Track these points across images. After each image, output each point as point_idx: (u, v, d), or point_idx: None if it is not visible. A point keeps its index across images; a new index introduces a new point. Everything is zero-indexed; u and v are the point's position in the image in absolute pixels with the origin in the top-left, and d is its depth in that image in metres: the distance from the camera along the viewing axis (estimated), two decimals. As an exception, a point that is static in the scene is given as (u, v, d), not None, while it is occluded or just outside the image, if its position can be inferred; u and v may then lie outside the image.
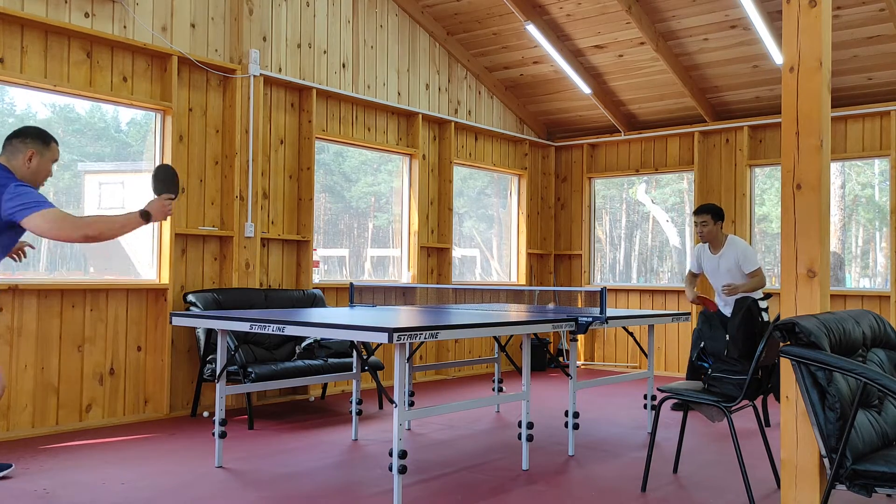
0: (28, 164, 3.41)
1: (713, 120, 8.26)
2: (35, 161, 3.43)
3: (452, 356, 8.03)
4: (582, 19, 7.36)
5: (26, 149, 3.41)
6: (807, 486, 2.89)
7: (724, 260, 5.73)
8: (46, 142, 3.48)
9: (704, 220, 5.72)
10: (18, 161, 3.40)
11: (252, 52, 6.10)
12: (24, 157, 3.41)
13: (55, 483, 3.82)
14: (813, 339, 2.65)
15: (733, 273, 5.70)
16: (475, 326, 3.65)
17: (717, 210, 5.74)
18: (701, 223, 5.73)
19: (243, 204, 6.04)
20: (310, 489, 3.77)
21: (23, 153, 3.41)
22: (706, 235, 5.74)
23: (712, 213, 5.72)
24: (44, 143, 3.47)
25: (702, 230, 5.74)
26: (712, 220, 5.72)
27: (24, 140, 3.42)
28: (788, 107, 3.00)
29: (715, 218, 5.72)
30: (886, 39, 6.64)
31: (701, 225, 5.73)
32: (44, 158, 3.47)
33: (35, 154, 3.43)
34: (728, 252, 5.72)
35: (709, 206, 5.75)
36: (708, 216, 5.71)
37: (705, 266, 5.91)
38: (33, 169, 3.43)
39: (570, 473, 4.14)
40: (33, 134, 3.45)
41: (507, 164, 8.92)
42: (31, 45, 5.02)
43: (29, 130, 3.46)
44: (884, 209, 7.48)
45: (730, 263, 5.70)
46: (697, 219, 5.75)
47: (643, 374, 5.08)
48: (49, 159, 3.50)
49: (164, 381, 5.57)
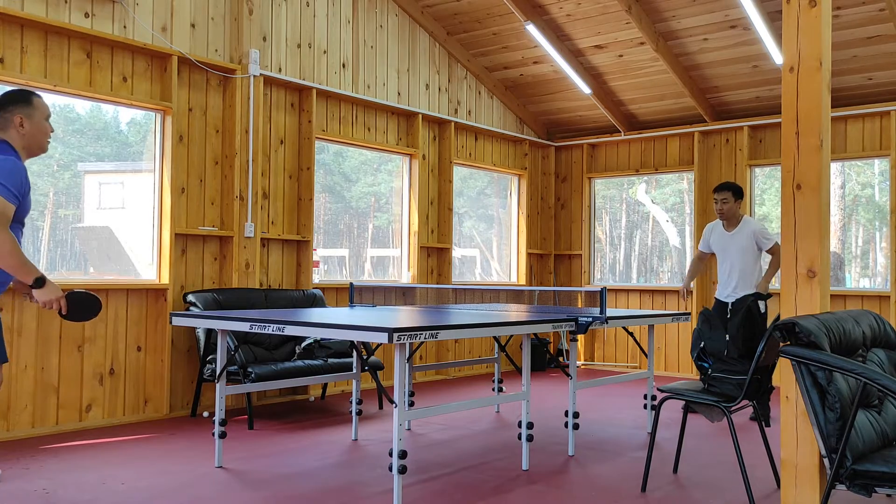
0: (21, 129, 3.27)
1: (713, 120, 8.26)
2: (27, 124, 3.28)
3: (452, 356, 8.03)
4: (582, 19, 7.36)
5: (13, 116, 3.27)
6: (807, 486, 2.89)
7: (739, 237, 5.77)
8: (28, 100, 3.32)
9: (725, 198, 5.80)
10: (12, 132, 3.24)
11: (252, 52, 6.10)
12: (15, 125, 3.26)
13: (55, 483, 3.82)
14: (813, 339, 2.65)
15: (743, 253, 5.74)
16: (475, 326, 3.65)
17: (737, 188, 5.82)
18: (722, 200, 5.81)
19: (243, 204, 6.04)
20: (310, 489, 3.77)
21: (12, 122, 3.27)
22: (726, 213, 5.82)
23: (733, 191, 5.80)
24: (26, 103, 3.30)
25: (721, 207, 5.81)
26: (733, 198, 5.80)
27: (9, 108, 3.27)
28: (788, 107, 3.00)
29: (735, 195, 5.81)
30: (886, 39, 6.64)
31: (722, 202, 5.81)
32: (34, 118, 3.31)
33: (24, 118, 3.28)
34: (744, 229, 5.77)
35: (730, 183, 5.84)
36: (729, 193, 5.80)
37: (715, 244, 5.93)
38: (28, 132, 3.29)
39: (570, 473, 4.14)
40: (13, 99, 3.30)
41: (507, 164, 8.92)
42: (31, 45, 5.02)
43: (8, 96, 3.30)
44: (884, 209, 7.48)
45: (743, 241, 5.74)
46: (718, 196, 5.83)
47: (643, 374, 5.08)
48: (40, 116, 3.33)
49: (164, 381, 5.57)
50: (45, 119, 3.37)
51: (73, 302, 3.33)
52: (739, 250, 5.73)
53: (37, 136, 3.34)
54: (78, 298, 3.35)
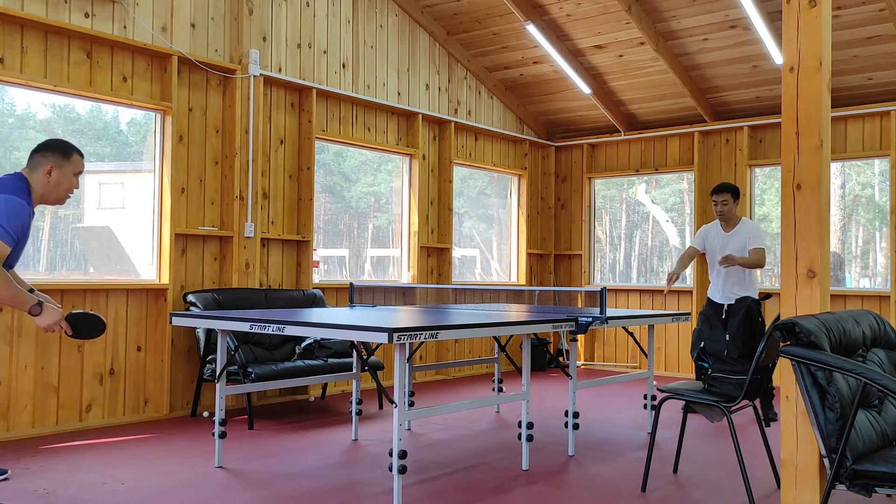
0: (48, 177, 3.43)
1: (713, 120, 8.26)
2: (55, 174, 3.44)
3: (452, 356, 8.03)
4: (582, 19, 7.36)
5: (46, 162, 3.43)
6: (807, 486, 2.89)
7: (735, 238, 5.79)
8: (67, 154, 3.47)
9: (725, 199, 5.83)
10: (39, 174, 3.42)
11: (252, 52, 6.10)
12: (44, 170, 3.42)
13: (55, 483, 3.82)
14: (813, 339, 2.65)
15: (743, 252, 5.75)
16: (475, 326, 3.65)
17: (735, 189, 5.85)
18: (721, 202, 5.83)
19: (243, 204, 6.04)
20: (310, 489, 3.77)
21: (42, 167, 3.43)
22: (726, 213, 5.84)
23: (732, 192, 5.83)
24: (63, 156, 3.46)
25: (721, 209, 5.84)
26: (732, 199, 5.82)
27: (45, 153, 3.44)
28: (788, 107, 3.00)
29: (734, 196, 5.83)
30: (886, 39, 6.64)
31: (721, 204, 5.83)
32: (64, 171, 3.46)
33: (54, 167, 3.44)
34: (741, 230, 5.80)
35: (728, 184, 5.86)
36: (728, 195, 5.82)
37: (711, 244, 5.93)
38: (53, 182, 3.44)
39: (570, 473, 4.14)
40: (53, 147, 3.46)
41: (507, 164, 8.92)
42: (31, 45, 5.02)
43: (49, 144, 3.47)
44: (884, 209, 7.48)
45: (740, 242, 5.75)
46: (717, 198, 5.84)
47: (643, 374, 5.08)
48: (70, 171, 3.49)
49: (164, 381, 5.57)
50: (74, 175, 3.51)
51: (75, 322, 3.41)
52: (738, 250, 5.74)
53: (58, 189, 3.50)
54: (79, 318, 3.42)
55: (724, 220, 5.88)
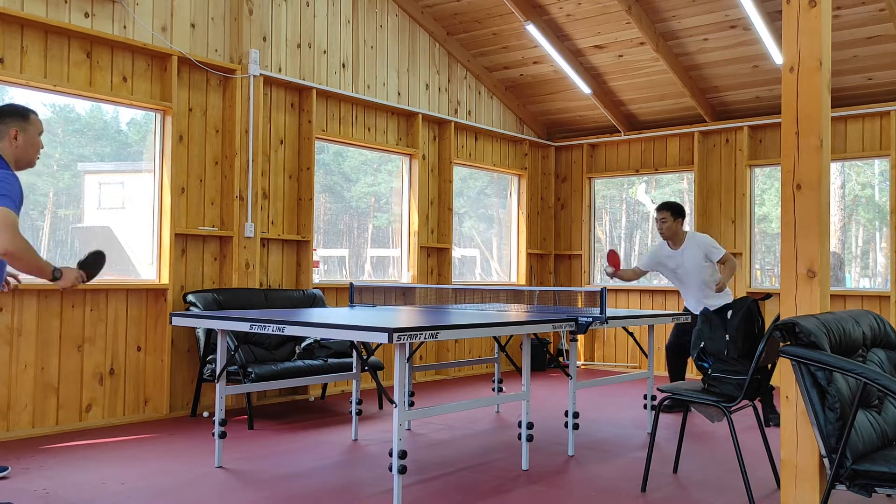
0: (15, 142, 3.37)
1: (713, 120, 8.26)
2: (21, 138, 3.38)
3: (452, 356, 8.03)
4: (582, 19, 7.36)
5: (8, 128, 3.36)
6: (807, 486, 2.89)
7: (689, 254, 5.81)
8: (25, 115, 3.42)
9: (664, 217, 5.85)
10: (4, 143, 3.35)
11: (252, 52, 6.10)
12: (9, 137, 3.35)
13: (55, 483, 3.82)
14: (813, 339, 2.65)
15: (698, 267, 5.80)
16: (475, 326, 3.65)
17: (676, 207, 5.88)
18: (660, 220, 5.87)
19: (243, 204, 6.04)
20: (310, 489, 3.77)
21: (7, 134, 3.35)
22: (666, 232, 5.87)
23: (672, 210, 5.85)
24: (23, 118, 3.41)
25: (661, 226, 5.87)
26: (672, 217, 5.84)
27: (5, 120, 3.37)
28: (788, 107, 3.00)
29: (675, 215, 5.86)
30: (886, 39, 6.64)
31: (660, 221, 5.86)
32: (28, 133, 3.41)
33: (19, 131, 3.38)
34: (690, 245, 5.81)
35: (669, 203, 5.92)
36: (667, 213, 5.85)
37: (667, 264, 5.93)
38: (21, 145, 3.38)
39: (570, 473, 4.14)
40: (9, 112, 3.40)
41: (507, 164, 8.92)
42: (31, 45, 5.02)
43: (5, 109, 3.39)
44: (884, 209, 7.48)
45: (696, 257, 5.78)
46: (658, 215, 5.91)
47: (643, 374, 5.08)
48: (34, 132, 3.43)
49: (164, 381, 5.57)
50: (38, 135, 3.50)
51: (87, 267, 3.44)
52: (695, 266, 5.79)
53: (28, 151, 3.45)
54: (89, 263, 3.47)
55: (668, 239, 5.89)
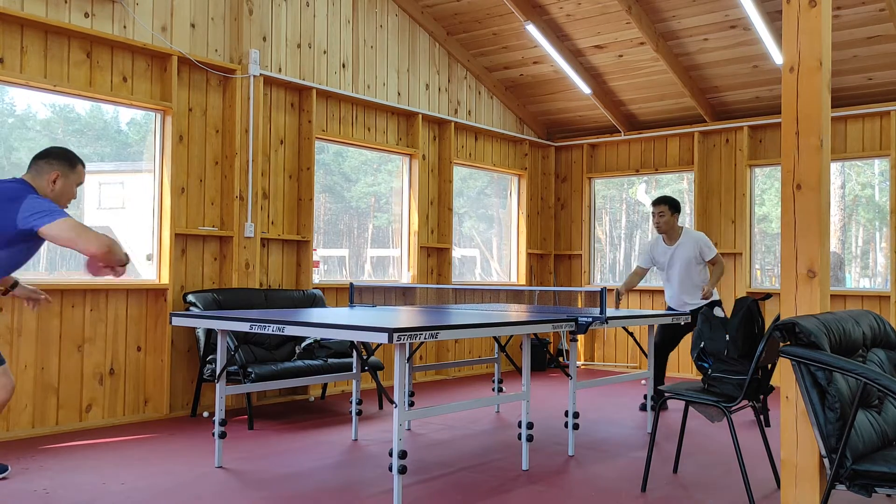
0: (52, 185, 3.38)
1: (713, 120, 8.26)
2: (60, 183, 3.39)
3: (452, 356, 8.03)
4: (582, 19, 7.36)
5: (51, 170, 3.38)
6: (807, 486, 2.89)
7: (681, 250, 5.84)
8: (73, 164, 3.44)
9: (662, 211, 5.86)
10: (43, 181, 3.37)
11: (252, 52, 6.10)
12: (49, 178, 3.37)
13: (55, 483, 3.82)
14: (813, 339, 2.65)
15: (688, 264, 5.83)
16: (475, 326, 3.65)
17: (673, 202, 5.90)
18: (658, 213, 5.88)
19: (243, 204, 6.04)
20: (310, 489, 3.77)
21: (47, 174, 3.37)
22: (663, 226, 5.89)
23: (669, 205, 5.87)
24: (70, 166, 3.43)
25: (658, 221, 5.88)
26: (669, 211, 5.87)
27: (50, 161, 3.39)
28: (788, 107, 3.00)
29: (672, 209, 5.87)
30: (886, 39, 6.64)
31: (658, 216, 5.87)
32: (68, 181, 3.43)
33: (60, 176, 3.39)
34: (685, 242, 5.84)
35: (666, 196, 5.94)
36: (665, 206, 5.87)
37: (659, 259, 5.98)
38: (57, 192, 3.40)
39: (570, 473, 4.14)
40: (59, 155, 3.42)
41: (507, 164, 8.92)
42: (31, 45, 5.02)
43: (54, 151, 3.42)
44: (884, 209, 7.48)
45: (688, 253, 5.81)
46: (655, 209, 5.92)
47: (643, 374, 5.08)
48: (74, 182, 3.45)
49: (164, 381, 5.57)
50: (76, 185, 3.51)
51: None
52: (685, 262, 5.83)
53: (62, 197, 3.47)
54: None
55: (664, 233, 5.91)
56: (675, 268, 5.88)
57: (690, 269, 5.83)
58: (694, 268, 5.83)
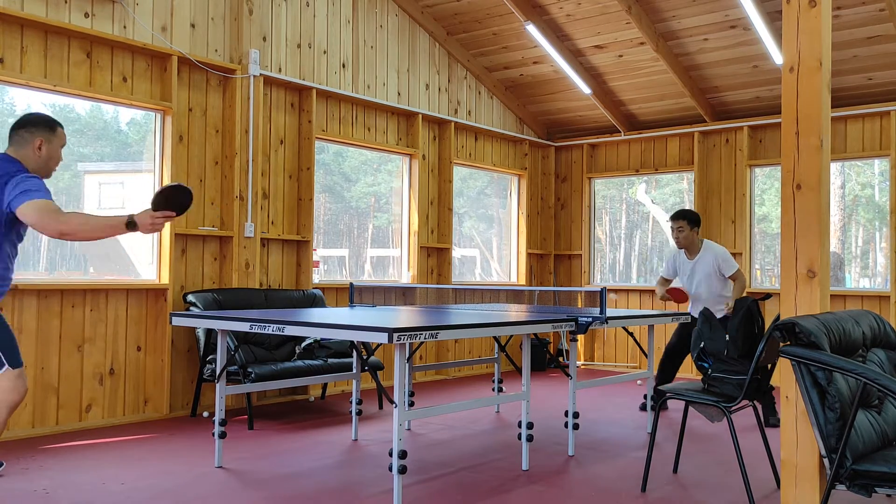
0: (38, 152, 3.39)
1: (713, 120, 8.26)
2: (45, 148, 3.41)
3: (452, 356, 8.03)
4: (582, 19, 7.36)
5: (34, 138, 3.38)
6: (807, 486, 2.89)
7: (701, 265, 5.79)
8: (52, 127, 3.44)
9: (681, 226, 5.78)
10: (28, 150, 3.37)
11: (252, 52, 6.10)
12: (34, 146, 3.38)
13: (55, 483, 3.82)
14: (813, 339, 2.65)
15: (709, 278, 5.76)
16: (475, 326, 3.65)
17: (693, 216, 5.82)
18: (677, 229, 5.79)
19: (243, 204, 6.04)
20: (310, 489, 3.77)
21: (31, 143, 3.37)
22: (682, 241, 5.82)
23: (689, 219, 5.79)
24: (50, 130, 3.43)
25: (678, 236, 5.80)
26: (688, 226, 5.79)
27: (31, 129, 3.39)
28: (788, 107, 3.00)
29: (691, 224, 5.79)
30: (886, 39, 6.64)
31: (677, 231, 5.79)
32: (53, 145, 3.44)
33: (44, 142, 3.40)
34: (705, 257, 5.78)
35: (685, 211, 5.83)
36: (684, 222, 5.78)
37: (680, 270, 5.95)
38: (44, 156, 3.40)
39: (570, 473, 4.14)
40: (39, 121, 3.41)
41: (507, 164, 8.92)
42: (31, 45, 5.02)
43: (34, 118, 3.42)
44: (884, 209, 7.48)
45: (707, 268, 5.75)
46: (674, 224, 5.82)
47: (643, 374, 5.08)
48: (58, 145, 3.47)
49: (164, 381, 5.57)
50: (60, 147, 3.53)
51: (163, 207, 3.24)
52: (706, 276, 5.78)
53: (49, 163, 3.47)
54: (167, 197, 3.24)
55: (684, 248, 5.85)
56: (697, 280, 5.83)
57: (712, 282, 5.77)
58: (715, 282, 5.76)
